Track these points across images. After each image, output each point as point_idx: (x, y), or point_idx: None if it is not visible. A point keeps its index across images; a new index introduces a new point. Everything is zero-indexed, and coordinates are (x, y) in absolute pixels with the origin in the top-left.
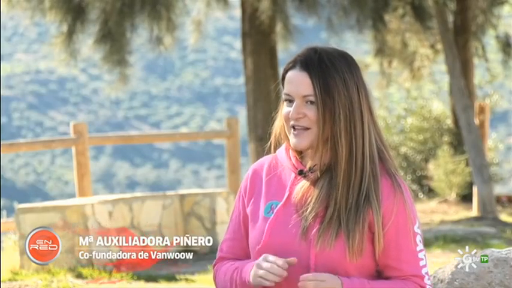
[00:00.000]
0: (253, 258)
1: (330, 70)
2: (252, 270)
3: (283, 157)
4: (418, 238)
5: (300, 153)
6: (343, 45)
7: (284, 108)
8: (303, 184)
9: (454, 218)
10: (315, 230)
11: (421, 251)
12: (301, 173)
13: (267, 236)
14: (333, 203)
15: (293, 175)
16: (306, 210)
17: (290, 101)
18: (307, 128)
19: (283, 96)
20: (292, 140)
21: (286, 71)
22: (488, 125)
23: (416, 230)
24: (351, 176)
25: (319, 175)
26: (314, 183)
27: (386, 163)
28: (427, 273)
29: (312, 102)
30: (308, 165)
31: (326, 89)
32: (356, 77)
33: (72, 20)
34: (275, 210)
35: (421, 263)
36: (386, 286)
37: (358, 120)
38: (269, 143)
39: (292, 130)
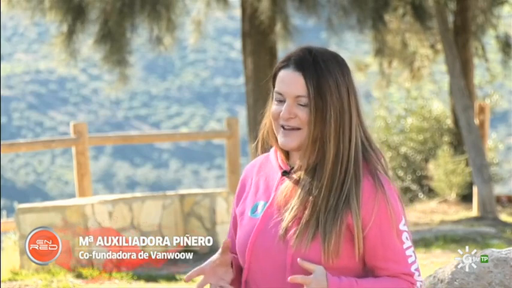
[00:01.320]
0: (240, 257)
1: (324, 72)
2: None
3: (272, 157)
4: (405, 235)
5: (287, 153)
6: (343, 45)
7: (273, 107)
8: (287, 184)
9: (454, 218)
10: (292, 231)
11: (408, 248)
12: (285, 173)
13: (253, 238)
14: (313, 204)
15: (279, 175)
16: (287, 210)
17: (280, 100)
18: (298, 129)
19: (274, 95)
20: (281, 139)
21: (278, 69)
22: (488, 125)
23: (402, 227)
24: (334, 179)
25: (302, 176)
26: (297, 183)
27: (371, 163)
28: (417, 269)
29: (303, 104)
30: (292, 166)
31: (319, 91)
32: (347, 79)
33: (72, 20)
34: (262, 212)
35: (410, 260)
36: (376, 285)
37: (347, 123)
38: (256, 141)
39: (282, 129)
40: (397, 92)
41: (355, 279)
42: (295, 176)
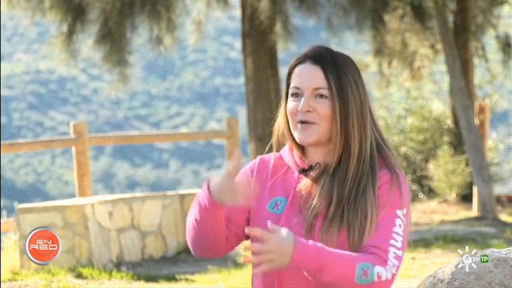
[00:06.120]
0: None
1: (342, 66)
2: None
3: (287, 157)
4: (399, 222)
5: (303, 151)
6: (343, 45)
7: (289, 103)
8: (306, 182)
9: (454, 218)
10: (318, 227)
11: (397, 233)
12: (302, 171)
13: None
14: (337, 199)
15: (297, 173)
16: (309, 208)
17: (297, 96)
18: (314, 123)
19: (291, 91)
20: (299, 135)
21: (294, 66)
22: (488, 125)
23: (400, 214)
24: (358, 173)
25: (322, 173)
26: (316, 181)
27: (387, 159)
28: (395, 253)
29: (322, 96)
30: (310, 163)
31: (341, 83)
32: (361, 79)
33: (72, 20)
34: (284, 209)
35: (392, 242)
36: (342, 253)
37: (367, 120)
38: (271, 142)
39: (300, 125)
40: (397, 92)
41: (321, 245)
42: (313, 173)
